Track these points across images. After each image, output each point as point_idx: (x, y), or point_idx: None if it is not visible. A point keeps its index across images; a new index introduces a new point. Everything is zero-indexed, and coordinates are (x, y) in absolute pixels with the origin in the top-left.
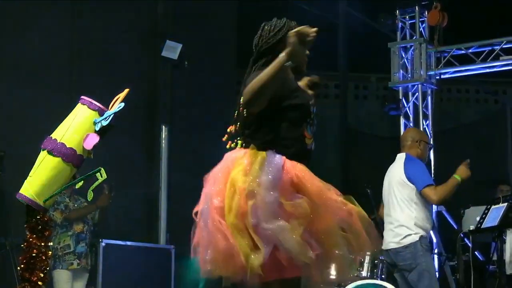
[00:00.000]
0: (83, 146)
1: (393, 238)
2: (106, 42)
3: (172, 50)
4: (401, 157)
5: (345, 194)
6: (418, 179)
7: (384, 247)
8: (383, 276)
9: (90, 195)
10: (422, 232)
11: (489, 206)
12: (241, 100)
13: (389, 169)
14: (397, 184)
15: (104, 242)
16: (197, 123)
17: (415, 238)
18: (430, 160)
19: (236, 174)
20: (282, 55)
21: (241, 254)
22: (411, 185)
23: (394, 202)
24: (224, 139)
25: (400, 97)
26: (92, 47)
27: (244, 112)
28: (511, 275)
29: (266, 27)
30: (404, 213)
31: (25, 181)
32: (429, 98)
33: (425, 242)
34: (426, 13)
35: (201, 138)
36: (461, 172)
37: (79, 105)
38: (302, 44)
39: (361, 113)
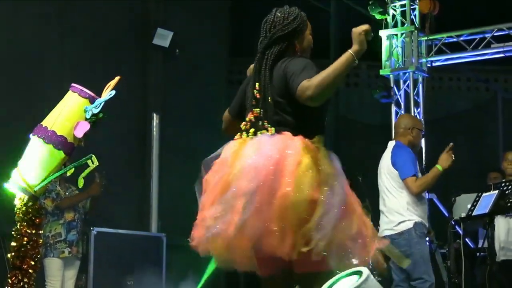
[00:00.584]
0: (74, 134)
1: (387, 225)
2: (98, 30)
3: (163, 38)
4: (391, 145)
5: None
6: (401, 167)
7: (379, 234)
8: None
9: (80, 182)
10: (416, 219)
11: (480, 194)
12: (299, 91)
13: (382, 157)
14: (386, 171)
15: (95, 230)
16: (188, 111)
17: (409, 224)
18: (422, 148)
19: (309, 162)
20: (351, 53)
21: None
22: (397, 172)
23: (385, 190)
24: (242, 126)
25: (391, 85)
26: (84, 34)
27: (278, 101)
28: (501, 261)
29: (278, 14)
30: (396, 200)
31: (16, 168)
32: (420, 86)
33: (420, 229)
34: (418, 1)
35: (193, 126)
36: (443, 161)
37: (69, 93)
38: (310, 34)
39: (352, 100)
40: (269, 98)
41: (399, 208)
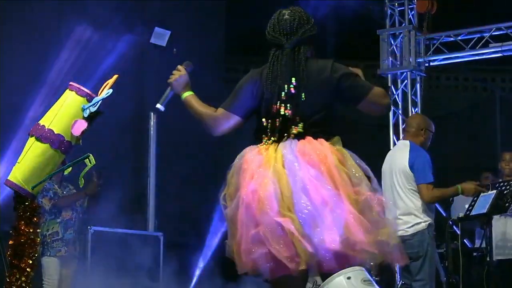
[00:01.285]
0: (71, 132)
1: (400, 226)
2: (94, 29)
3: (160, 37)
4: (405, 145)
5: None
6: (420, 172)
7: None
8: (371, 264)
9: (81, 182)
10: (430, 220)
11: (478, 194)
12: (374, 95)
13: (389, 155)
14: (401, 172)
15: (92, 229)
16: (186, 110)
17: (424, 226)
18: None
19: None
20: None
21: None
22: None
23: (399, 190)
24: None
25: (389, 85)
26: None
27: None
28: (497, 261)
29: (299, 14)
30: (410, 201)
31: (13, 167)
32: (418, 85)
33: (432, 231)
34: (415, 0)
35: (190, 125)
36: (467, 189)
37: (67, 91)
38: None
39: None
40: (303, 94)
41: (415, 209)
